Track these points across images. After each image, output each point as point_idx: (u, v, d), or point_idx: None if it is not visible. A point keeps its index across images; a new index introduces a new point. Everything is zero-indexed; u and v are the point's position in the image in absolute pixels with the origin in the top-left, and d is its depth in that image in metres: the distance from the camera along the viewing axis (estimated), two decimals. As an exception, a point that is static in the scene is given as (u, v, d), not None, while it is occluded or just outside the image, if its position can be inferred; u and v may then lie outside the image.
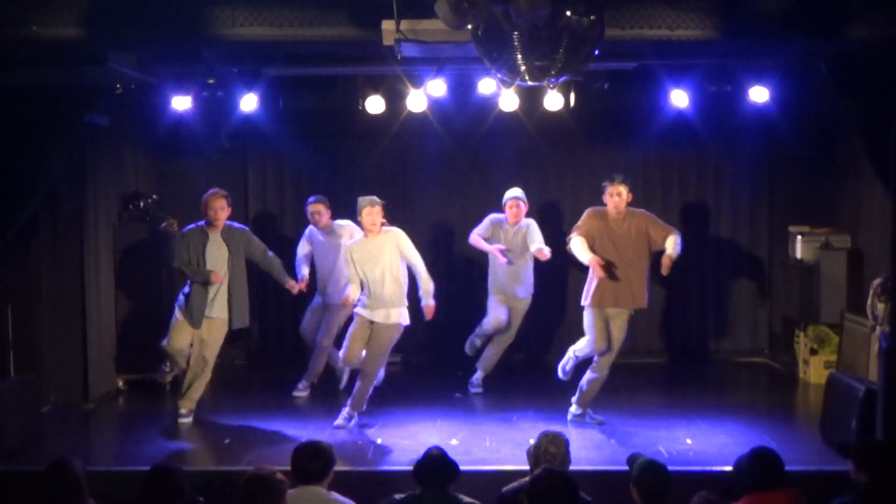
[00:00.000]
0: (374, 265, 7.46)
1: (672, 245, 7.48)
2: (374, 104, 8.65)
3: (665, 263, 7.41)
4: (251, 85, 8.18)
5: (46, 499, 4.85)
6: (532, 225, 8.70)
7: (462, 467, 5.17)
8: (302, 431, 7.39)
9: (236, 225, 8.20)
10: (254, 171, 10.54)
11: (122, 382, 9.13)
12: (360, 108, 8.70)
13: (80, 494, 4.85)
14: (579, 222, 7.78)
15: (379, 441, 7.32)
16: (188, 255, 7.89)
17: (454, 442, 7.24)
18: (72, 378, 8.49)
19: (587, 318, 7.65)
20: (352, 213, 9.96)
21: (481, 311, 10.29)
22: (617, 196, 7.62)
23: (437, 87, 8.21)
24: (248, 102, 8.35)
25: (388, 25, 5.81)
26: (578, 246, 7.57)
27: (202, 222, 7.99)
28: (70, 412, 8.31)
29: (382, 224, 7.55)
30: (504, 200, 8.71)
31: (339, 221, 8.73)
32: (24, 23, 5.96)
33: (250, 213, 10.50)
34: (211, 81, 8.07)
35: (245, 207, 10.50)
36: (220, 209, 7.95)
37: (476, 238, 8.80)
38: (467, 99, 8.82)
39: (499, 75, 6.22)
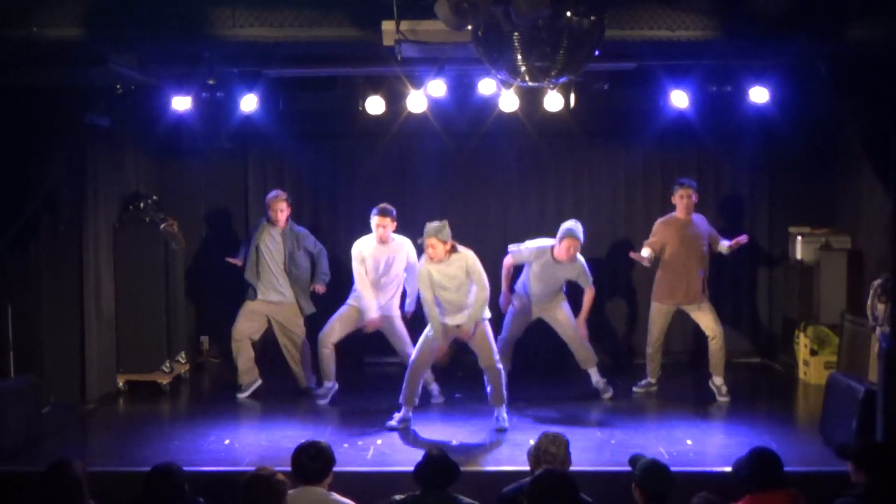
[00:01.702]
0: (448, 285, 7.58)
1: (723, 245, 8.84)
2: (374, 105, 8.65)
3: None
4: (251, 85, 8.19)
5: (46, 499, 4.84)
6: (583, 266, 8.44)
7: (462, 468, 5.18)
8: (302, 432, 7.38)
9: (298, 227, 8.98)
10: (254, 171, 10.53)
11: (122, 382, 9.13)
12: (360, 108, 8.70)
13: (79, 495, 4.85)
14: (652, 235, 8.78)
15: (379, 441, 7.32)
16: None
17: (454, 442, 7.24)
18: (72, 378, 8.49)
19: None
20: (352, 213, 10.02)
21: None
22: (687, 198, 8.69)
23: (437, 87, 8.21)
24: (248, 103, 8.36)
25: (388, 26, 5.81)
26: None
27: (264, 219, 8.91)
28: (70, 412, 8.30)
29: (452, 247, 7.57)
30: (560, 236, 8.26)
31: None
32: (24, 23, 5.97)
33: (250, 213, 10.48)
34: (211, 82, 8.08)
35: (245, 207, 10.51)
36: (280, 210, 8.73)
37: (505, 269, 8.58)
38: (467, 99, 8.82)
39: (499, 76, 6.22)
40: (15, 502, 6.24)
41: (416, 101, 8.43)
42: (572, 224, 8.33)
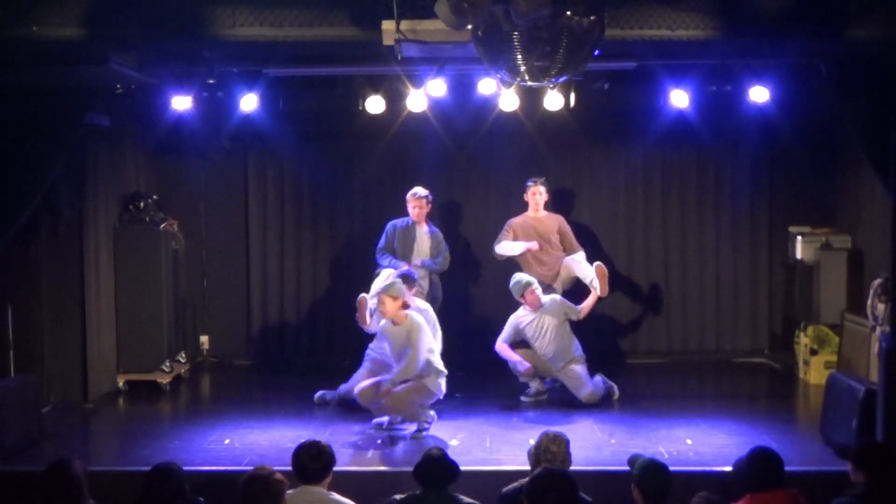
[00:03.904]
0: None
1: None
2: (374, 104, 8.65)
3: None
4: (251, 85, 8.19)
5: (46, 499, 4.85)
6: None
7: (462, 467, 5.18)
8: (302, 432, 7.38)
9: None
10: (254, 171, 10.53)
11: (122, 382, 9.13)
12: (360, 108, 8.70)
13: (80, 495, 4.85)
14: (504, 232, 8.93)
15: (379, 441, 7.32)
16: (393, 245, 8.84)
17: (454, 442, 7.24)
18: (72, 378, 8.49)
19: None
20: (352, 213, 10.03)
21: (478, 312, 10.37)
22: (538, 195, 8.93)
23: (437, 87, 8.22)
24: (248, 102, 8.36)
25: (388, 25, 5.81)
26: (507, 246, 8.86)
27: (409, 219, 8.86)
28: (70, 412, 8.31)
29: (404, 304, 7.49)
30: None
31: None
32: (24, 23, 5.96)
33: (250, 213, 10.51)
34: (211, 81, 8.08)
35: (245, 207, 10.51)
36: (417, 208, 8.74)
37: None
38: (467, 99, 8.83)
39: (499, 75, 6.22)
40: (15, 502, 6.24)
41: (416, 101, 8.43)
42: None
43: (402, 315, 7.40)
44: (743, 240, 10.42)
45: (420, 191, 8.78)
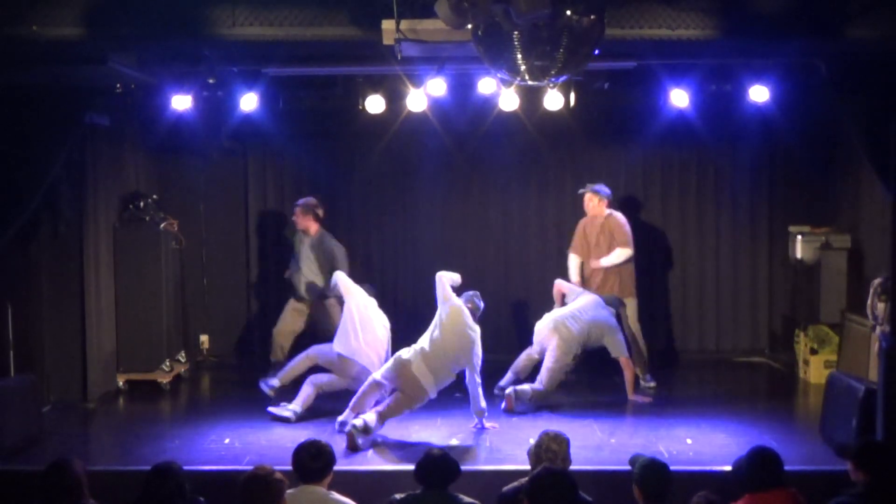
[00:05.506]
0: None
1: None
2: (374, 104, 8.66)
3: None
4: (251, 85, 8.20)
5: (46, 499, 4.85)
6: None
7: (462, 467, 5.18)
8: (302, 431, 7.38)
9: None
10: (254, 171, 10.54)
11: (123, 382, 9.13)
12: (360, 107, 8.71)
13: (80, 494, 4.85)
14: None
15: (379, 441, 7.32)
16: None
17: (454, 442, 7.24)
18: (72, 378, 8.50)
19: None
20: (352, 212, 10.02)
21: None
22: (590, 203, 9.06)
23: (437, 86, 8.22)
24: (248, 102, 8.37)
25: (388, 25, 5.82)
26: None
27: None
28: (70, 412, 8.31)
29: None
30: None
31: None
32: (24, 23, 5.97)
33: (250, 213, 10.51)
34: (211, 81, 8.08)
35: (245, 207, 10.52)
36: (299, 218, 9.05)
37: None
38: (467, 99, 8.83)
39: (499, 75, 6.23)
40: (15, 502, 6.24)
41: (416, 100, 8.43)
42: None
43: None
44: (743, 240, 10.42)
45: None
